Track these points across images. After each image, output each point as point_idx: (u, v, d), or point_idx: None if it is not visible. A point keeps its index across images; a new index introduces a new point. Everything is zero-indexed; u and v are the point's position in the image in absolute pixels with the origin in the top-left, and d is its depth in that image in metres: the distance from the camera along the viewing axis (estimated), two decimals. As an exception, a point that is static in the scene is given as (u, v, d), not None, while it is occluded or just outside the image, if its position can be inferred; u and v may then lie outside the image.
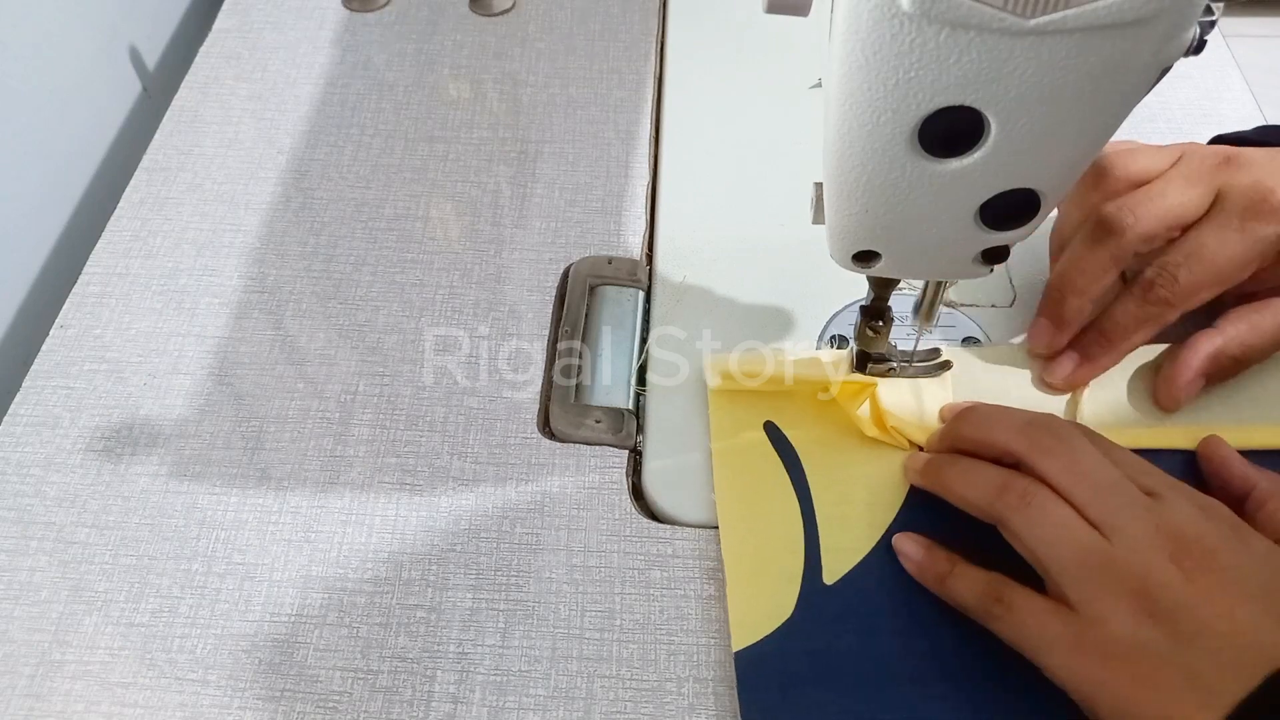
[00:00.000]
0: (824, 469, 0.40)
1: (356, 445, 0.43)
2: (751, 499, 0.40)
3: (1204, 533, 0.32)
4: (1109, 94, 0.26)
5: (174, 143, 0.55)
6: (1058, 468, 0.34)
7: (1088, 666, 0.32)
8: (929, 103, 0.26)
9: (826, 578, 0.38)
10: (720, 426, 0.42)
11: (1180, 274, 0.39)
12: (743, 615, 0.37)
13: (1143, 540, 0.32)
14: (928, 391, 0.42)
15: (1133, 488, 0.34)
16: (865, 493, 0.40)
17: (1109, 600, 0.32)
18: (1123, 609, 0.31)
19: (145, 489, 0.42)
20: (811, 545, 0.38)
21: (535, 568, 0.39)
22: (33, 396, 0.45)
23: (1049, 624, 0.32)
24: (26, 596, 0.39)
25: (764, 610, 0.37)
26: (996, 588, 0.34)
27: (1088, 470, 0.34)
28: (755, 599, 0.37)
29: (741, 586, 0.38)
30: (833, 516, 0.39)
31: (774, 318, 0.46)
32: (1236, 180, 0.39)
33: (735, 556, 0.38)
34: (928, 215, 0.31)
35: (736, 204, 0.50)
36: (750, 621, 0.37)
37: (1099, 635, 0.31)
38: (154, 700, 0.36)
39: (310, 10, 0.62)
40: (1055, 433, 0.35)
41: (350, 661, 0.37)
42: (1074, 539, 0.33)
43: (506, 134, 0.55)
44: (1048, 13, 0.23)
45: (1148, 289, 0.40)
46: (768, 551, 0.38)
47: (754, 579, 0.38)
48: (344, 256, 0.50)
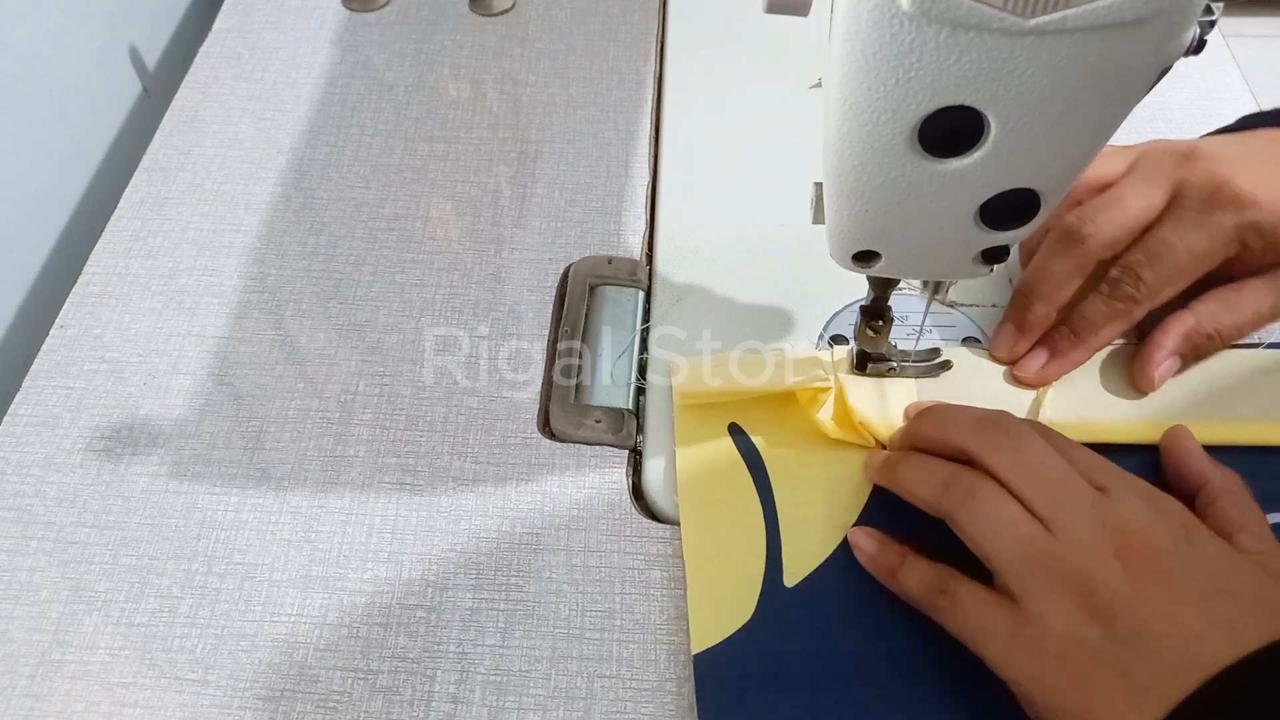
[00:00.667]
0: (787, 471, 0.40)
1: (356, 445, 0.43)
2: (714, 501, 0.40)
3: (1151, 531, 0.32)
4: (1109, 94, 0.26)
5: (174, 143, 0.55)
6: (1005, 462, 0.34)
7: (1025, 660, 0.31)
8: (929, 103, 0.26)
9: (787, 580, 0.38)
10: (685, 427, 0.42)
11: (1144, 272, 0.40)
12: (703, 618, 0.37)
13: (1087, 536, 0.32)
14: (893, 391, 0.42)
15: (1081, 482, 0.33)
16: (827, 495, 0.40)
17: (1050, 596, 0.31)
18: (1063, 605, 0.31)
19: (145, 489, 0.42)
20: (773, 548, 0.38)
21: (535, 568, 0.39)
22: (33, 396, 0.45)
23: (990, 617, 0.32)
24: (26, 596, 0.39)
25: (724, 613, 0.37)
26: (942, 580, 0.34)
27: (1035, 465, 0.34)
28: (716, 601, 0.37)
29: (702, 589, 0.37)
30: (795, 519, 0.39)
31: (774, 318, 0.46)
32: (1193, 174, 0.39)
33: (696, 558, 0.38)
34: (928, 215, 0.31)
35: (736, 204, 0.50)
36: (710, 624, 0.37)
37: (1038, 630, 0.31)
38: (154, 700, 0.36)
39: (310, 10, 0.62)
40: (1004, 429, 0.36)
41: (350, 661, 0.37)
42: (1017, 533, 0.33)
43: (506, 134, 0.55)
44: (1048, 13, 0.23)
45: (1114, 287, 0.40)
46: (729, 554, 0.38)
47: (715, 581, 0.38)
48: (344, 256, 0.50)
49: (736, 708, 0.35)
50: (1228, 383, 0.42)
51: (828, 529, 0.39)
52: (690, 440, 0.41)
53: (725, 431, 0.42)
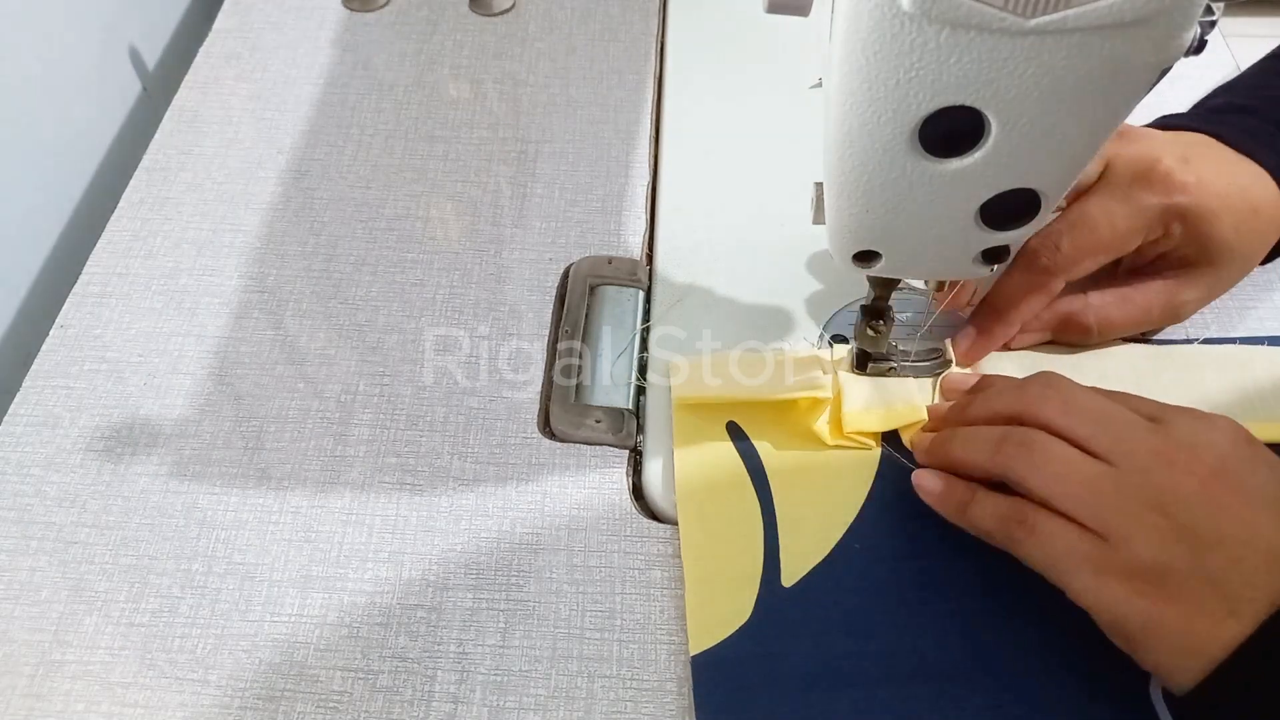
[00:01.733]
0: (786, 471, 0.40)
1: (356, 445, 0.43)
2: (712, 501, 0.40)
3: (1212, 443, 0.32)
4: (1109, 94, 0.26)
5: (174, 143, 0.55)
6: (1054, 410, 0.34)
7: (1113, 587, 0.31)
8: (929, 103, 0.26)
9: (785, 580, 0.37)
10: (683, 428, 0.42)
11: (1063, 242, 0.39)
12: (701, 619, 0.37)
13: (1149, 460, 0.32)
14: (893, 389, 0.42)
15: (1132, 414, 0.34)
16: (826, 495, 0.40)
17: (1129, 523, 0.31)
18: (1144, 529, 0.31)
19: (145, 489, 0.42)
20: (771, 548, 0.38)
21: (535, 568, 0.39)
22: (33, 396, 0.45)
23: (1076, 546, 0.32)
24: (26, 596, 0.39)
25: (722, 613, 0.37)
26: (1020, 510, 0.34)
27: (1083, 406, 0.34)
28: (714, 602, 0.37)
29: (700, 589, 0.37)
30: (793, 519, 0.39)
31: (774, 318, 0.46)
32: (1124, 152, 0.39)
33: (695, 559, 0.38)
34: (928, 215, 0.31)
35: (736, 204, 0.50)
36: (708, 625, 0.36)
37: (1124, 556, 0.31)
38: (154, 700, 0.36)
39: (310, 10, 0.62)
40: (1048, 382, 0.36)
41: (350, 661, 0.37)
42: (1080, 472, 0.33)
43: (506, 134, 0.55)
44: (1048, 13, 0.23)
45: (1031, 258, 0.40)
46: (728, 554, 0.38)
47: (713, 582, 0.38)
48: (344, 256, 0.50)
49: (735, 708, 0.35)
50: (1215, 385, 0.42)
51: (826, 529, 0.39)
52: (688, 441, 0.41)
53: (724, 432, 0.42)
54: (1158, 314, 0.42)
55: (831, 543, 0.38)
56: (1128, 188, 0.39)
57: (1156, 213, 0.39)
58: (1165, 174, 0.38)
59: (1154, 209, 0.39)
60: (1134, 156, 0.39)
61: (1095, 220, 0.39)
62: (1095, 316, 0.42)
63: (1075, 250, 0.39)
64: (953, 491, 0.36)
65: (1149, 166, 0.38)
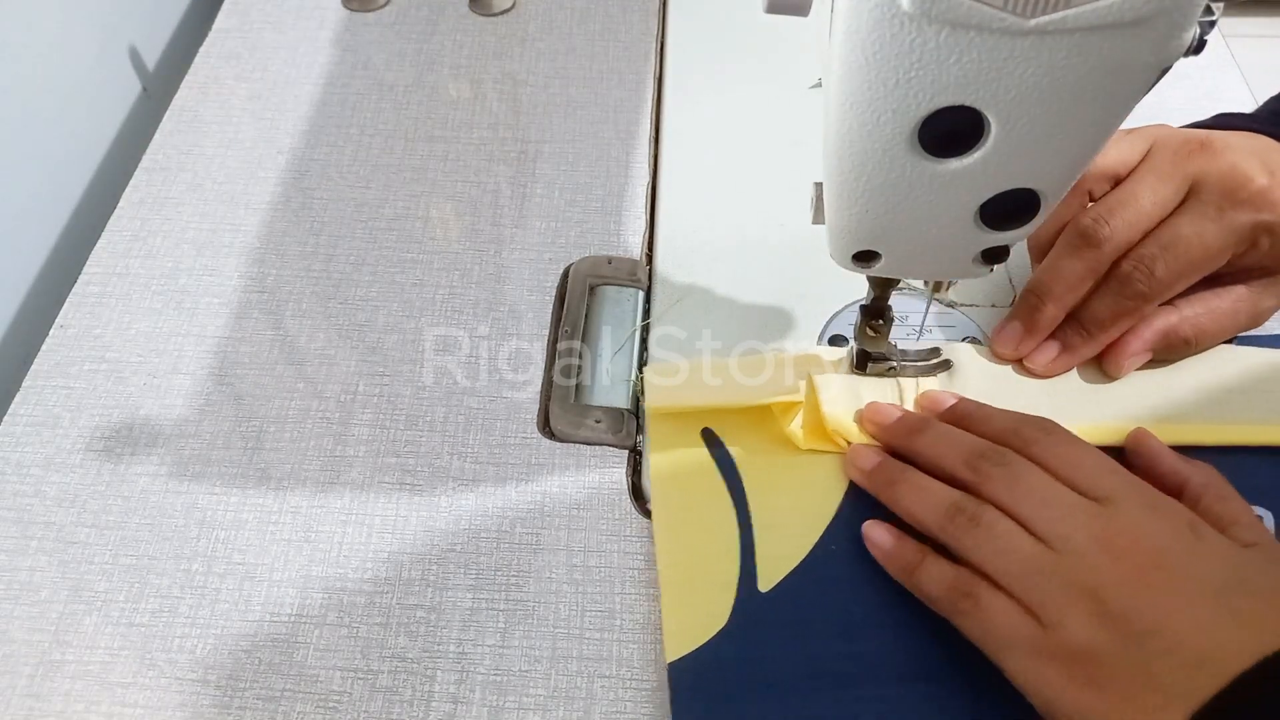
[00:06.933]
0: (761, 475, 0.40)
1: (356, 445, 0.43)
2: (688, 506, 0.39)
3: (1152, 532, 0.32)
4: (1109, 94, 0.26)
5: (174, 143, 0.55)
6: (1000, 491, 0.35)
7: (1047, 670, 0.31)
8: (929, 103, 0.26)
9: (762, 585, 0.37)
10: (658, 433, 0.42)
11: (1157, 267, 0.39)
12: (677, 625, 0.36)
13: (1088, 545, 0.32)
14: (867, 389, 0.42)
15: (1075, 497, 0.34)
16: (801, 499, 0.39)
17: (1061, 605, 0.31)
18: (1077, 615, 0.31)
19: (145, 489, 0.42)
20: (747, 552, 0.38)
21: (535, 568, 0.39)
22: (33, 396, 0.45)
23: (1014, 626, 0.32)
24: (26, 596, 0.39)
25: (699, 619, 0.37)
26: (965, 583, 0.34)
27: (1028, 489, 0.34)
28: (690, 608, 0.37)
29: (676, 595, 0.37)
30: (769, 523, 0.39)
31: (774, 318, 0.46)
32: (1212, 167, 0.39)
33: (670, 565, 0.38)
34: (928, 215, 0.31)
35: (736, 204, 0.50)
36: (685, 631, 0.36)
37: (1057, 640, 0.31)
38: (154, 700, 0.36)
39: (310, 10, 0.62)
40: (997, 460, 0.36)
41: (350, 661, 0.37)
42: (1020, 551, 0.33)
43: (506, 134, 0.55)
44: (1048, 13, 0.23)
45: (1125, 283, 0.40)
46: (703, 560, 0.38)
47: (689, 588, 0.37)
48: (344, 256, 0.50)
49: (713, 714, 0.35)
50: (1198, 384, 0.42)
51: (802, 533, 0.39)
52: (663, 446, 0.41)
53: (699, 437, 0.41)
54: (1244, 320, 0.42)
55: (808, 546, 0.38)
56: (1218, 208, 0.39)
57: (1247, 229, 0.39)
58: (1257, 191, 0.38)
59: (1245, 226, 0.39)
60: (1223, 173, 0.39)
61: (1189, 241, 0.39)
62: (1191, 329, 0.41)
63: (1170, 275, 0.39)
64: (902, 552, 0.36)
65: (1239, 184, 0.38)
